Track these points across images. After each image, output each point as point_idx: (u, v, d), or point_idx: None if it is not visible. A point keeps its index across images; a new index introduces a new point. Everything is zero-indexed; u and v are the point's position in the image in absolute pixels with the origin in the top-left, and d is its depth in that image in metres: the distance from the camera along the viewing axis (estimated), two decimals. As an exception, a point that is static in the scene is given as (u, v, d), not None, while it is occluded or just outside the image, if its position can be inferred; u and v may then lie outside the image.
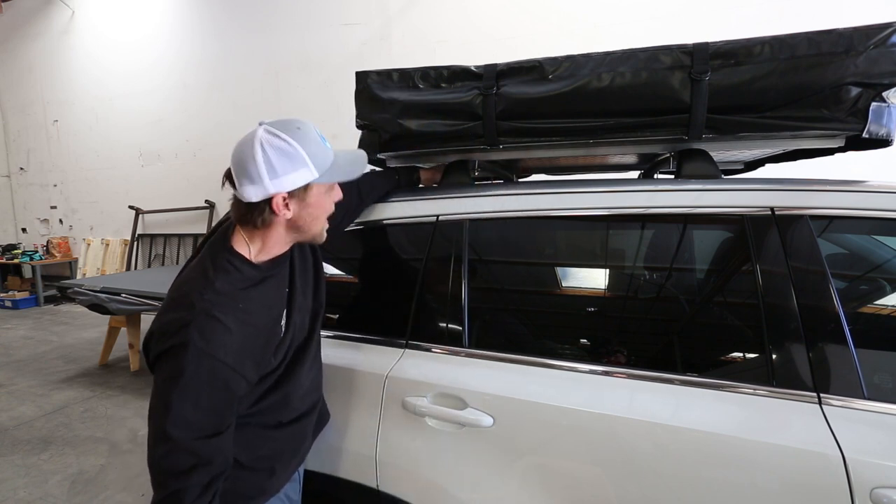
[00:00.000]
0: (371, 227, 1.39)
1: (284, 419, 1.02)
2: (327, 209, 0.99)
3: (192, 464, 0.82)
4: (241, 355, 0.86)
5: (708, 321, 1.14)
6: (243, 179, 0.87)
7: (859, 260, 1.11)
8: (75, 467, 2.47)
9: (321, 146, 0.92)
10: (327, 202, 0.98)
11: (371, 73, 1.42)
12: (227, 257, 0.91)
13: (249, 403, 0.95)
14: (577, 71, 1.22)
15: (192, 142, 5.73)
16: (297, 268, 1.05)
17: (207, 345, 0.81)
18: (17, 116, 7.07)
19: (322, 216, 0.98)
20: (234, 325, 0.85)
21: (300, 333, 1.04)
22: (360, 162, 1.03)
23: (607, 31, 3.90)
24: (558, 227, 1.32)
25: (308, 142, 0.89)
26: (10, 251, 6.73)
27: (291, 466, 1.08)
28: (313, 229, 0.97)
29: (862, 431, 0.87)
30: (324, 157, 0.92)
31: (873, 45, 1.05)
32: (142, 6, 5.83)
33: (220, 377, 0.83)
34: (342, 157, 0.98)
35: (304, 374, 1.05)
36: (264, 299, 0.93)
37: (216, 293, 0.86)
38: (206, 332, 0.82)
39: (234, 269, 0.90)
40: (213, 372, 0.82)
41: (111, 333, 4.01)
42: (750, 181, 1.11)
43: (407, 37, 4.57)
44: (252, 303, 0.90)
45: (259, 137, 0.87)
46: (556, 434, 1.05)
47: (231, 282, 0.88)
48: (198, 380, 0.81)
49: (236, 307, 0.87)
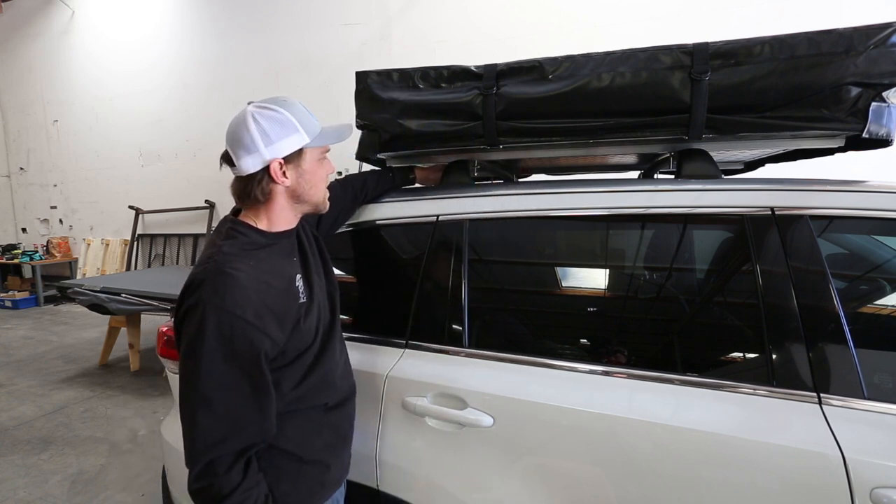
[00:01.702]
0: (371, 227, 1.39)
1: (330, 401, 1.03)
2: (323, 176, 1.01)
3: (224, 432, 0.82)
4: (261, 311, 0.85)
5: (708, 321, 1.14)
6: (240, 152, 0.91)
7: (859, 260, 1.11)
8: (75, 467, 2.47)
9: (308, 115, 0.96)
10: (321, 169, 1.01)
11: (371, 73, 1.42)
12: (232, 226, 0.95)
13: (294, 382, 0.95)
14: (577, 71, 1.22)
15: (192, 142, 5.73)
16: (306, 246, 1.07)
17: (223, 301, 0.81)
18: (17, 116, 7.07)
19: (320, 183, 1.01)
20: (246, 279, 0.85)
21: (325, 312, 1.05)
22: (346, 129, 1.04)
23: (607, 31, 3.90)
24: (558, 227, 1.32)
25: (295, 110, 0.94)
26: (10, 251, 6.73)
27: (343, 461, 1.09)
28: (314, 197, 1.00)
29: (862, 431, 0.87)
30: (312, 124, 0.96)
31: (873, 45, 1.05)
32: (142, 6, 5.83)
33: (241, 333, 0.82)
34: (329, 125, 1.02)
35: (338, 354, 1.07)
36: (273, 260, 0.94)
37: (224, 254, 0.88)
38: (220, 289, 0.82)
39: (240, 234, 0.93)
40: (233, 327, 0.82)
41: (111, 333, 4.01)
42: (750, 181, 1.11)
43: (407, 37, 4.57)
44: (262, 262, 0.91)
45: (249, 112, 0.92)
46: (556, 434, 1.05)
47: (238, 244, 0.91)
48: (220, 338, 0.81)
49: (247, 262, 0.88)
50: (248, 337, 0.83)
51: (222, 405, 0.82)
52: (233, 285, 0.83)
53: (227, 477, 0.82)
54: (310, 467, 0.98)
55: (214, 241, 0.92)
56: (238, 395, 0.83)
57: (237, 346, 0.82)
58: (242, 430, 0.83)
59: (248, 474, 0.85)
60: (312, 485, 0.99)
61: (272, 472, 0.92)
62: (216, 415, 0.82)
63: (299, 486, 0.96)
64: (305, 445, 0.97)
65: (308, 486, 0.98)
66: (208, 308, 0.81)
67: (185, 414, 0.83)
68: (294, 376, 0.95)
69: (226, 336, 0.81)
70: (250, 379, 0.84)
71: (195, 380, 0.81)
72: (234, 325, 0.82)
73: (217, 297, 0.82)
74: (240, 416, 0.83)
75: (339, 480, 1.07)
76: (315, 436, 1.00)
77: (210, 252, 0.90)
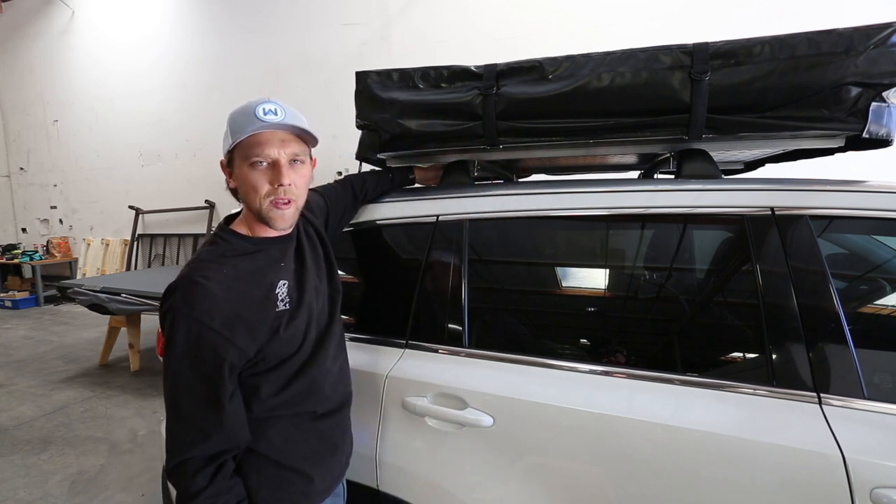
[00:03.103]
0: (371, 228, 1.39)
1: (319, 410, 1.01)
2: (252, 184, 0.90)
3: (192, 437, 0.84)
4: (231, 320, 0.85)
5: (708, 321, 1.14)
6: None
7: (859, 260, 1.11)
8: (75, 467, 2.47)
9: (246, 115, 0.89)
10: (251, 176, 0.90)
11: (371, 73, 1.42)
12: (219, 232, 0.97)
13: (276, 389, 0.94)
14: (577, 71, 1.22)
15: (192, 142, 5.73)
16: (306, 250, 1.05)
17: (192, 309, 0.83)
18: (17, 116, 7.07)
19: (250, 192, 0.91)
20: (217, 288, 0.85)
21: (321, 318, 1.04)
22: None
23: (607, 31, 3.90)
24: (558, 227, 1.32)
25: (239, 112, 0.91)
26: (10, 251, 6.73)
27: (333, 472, 1.05)
28: (250, 204, 0.93)
29: (862, 431, 0.87)
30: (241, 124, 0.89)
31: (873, 45, 1.05)
32: (142, 6, 5.83)
33: (206, 342, 0.83)
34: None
35: (331, 361, 1.05)
36: (253, 268, 0.93)
37: (200, 261, 0.90)
38: (189, 297, 0.84)
39: (223, 240, 0.94)
40: (199, 336, 0.83)
41: (111, 333, 4.01)
42: (750, 181, 1.11)
43: (407, 37, 4.57)
44: (239, 270, 0.91)
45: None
46: (556, 434, 1.05)
47: (217, 251, 0.92)
48: (186, 345, 0.83)
49: (220, 272, 0.88)
50: (213, 345, 0.84)
51: (187, 411, 0.85)
52: (202, 294, 0.84)
53: (193, 480, 0.83)
54: (290, 474, 0.96)
55: (198, 249, 0.95)
56: (201, 402, 0.85)
57: (203, 353, 0.84)
58: (208, 436, 0.84)
59: (216, 481, 0.85)
60: (294, 494, 0.97)
61: (253, 475, 0.92)
62: (183, 420, 0.85)
63: (280, 494, 0.94)
64: (287, 452, 0.96)
65: (289, 494, 0.96)
66: (178, 315, 0.83)
67: (166, 412, 0.88)
68: (276, 382, 0.94)
69: (192, 344, 0.83)
70: (214, 386, 0.85)
71: (167, 384, 0.86)
72: (201, 333, 0.83)
73: (186, 306, 0.83)
74: (204, 424, 0.84)
75: (326, 490, 1.04)
76: (300, 443, 0.98)
77: (191, 258, 0.93)
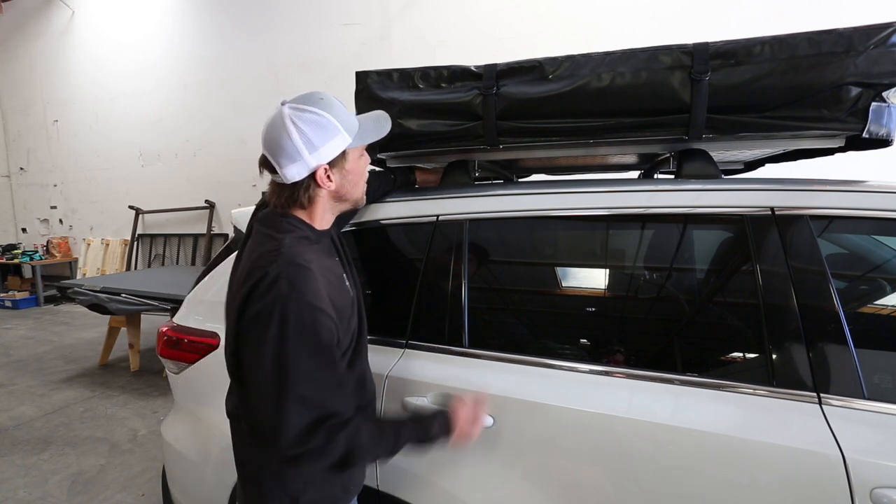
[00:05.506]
0: (372, 228, 1.39)
1: (362, 402, 1.02)
2: (363, 173, 1.01)
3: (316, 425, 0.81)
4: (331, 303, 0.85)
5: (708, 321, 1.14)
6: (282, 160, 0.88)
7: (859, 260, 1.11)
8: (75, 467, 2.47)
9: (346, 112, 0.94)
10: (362, 166, 1.00)
11: (371, 73, 1.42)
12: (286, 220, 0.92)
13: None
14: (577, 71, 1.22)
15: (192, 142, 5.73)
16: (339, 245, 1.07)
17: (301, 294, 0.80)
18: (17, 116, 7.07)
19: (360, 181, 1.00)
20: (317, 270, 0.85)
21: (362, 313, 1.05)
22: (384, 120, 1.03)
23: (607, 31, 3.89)
24: (558, 227, 1.32)
25: (335, 109, 0.91)
26: (10, 251, 6.73)
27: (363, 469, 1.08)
28: (354, 195, 0.99)
29: (862, 431, 0.87)
30: (351, 121, 0.94)
31: (873, 45, 1.05)
32: (142, 6, 5.83)
33: (322, 324, 0.82)
34: (365, 119, 1.00)
35: (367, 354, 1.07)
36: (323, 256, 0.94)
37: (289, 246, 0.86)
38: (297, 281, 0.81)
39: (296, 227, 0.92)
40: (314, 320, 0.81)
41: (111, 333, 4.01)
42: (750, 181, 1.11)
43: (407, 37, 4.57)
44: (320, 256, 0.92)
45: (287, 115, 0.87)
46: (555, 434, 1.05)
47: (298, 236, 0.90)
48: (302, 331, 0.79)
49: (312, 255, 0.87)
50: (328, 327, 0.83)
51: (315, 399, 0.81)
52: (309, 277, 0.82)
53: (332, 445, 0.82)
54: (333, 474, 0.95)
55: (271, 237, 0.88)
56: (328, 386, 0.83)
57: (322, 337, 0.82)
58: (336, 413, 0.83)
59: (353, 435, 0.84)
60: (336, 490, 0.98)
61: (300, 479, 0.92)
62: (310, 410, 0.81)
63: (324, 491, 0.95)
64: None
65: (332, 491, 0.97)
66: (289, 303, 0.79)
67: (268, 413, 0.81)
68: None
69: (307, 328, 0.80)
70: (335, 371, 0.84)
71: (284, 380, 0.79)
72: (314, 316, 0.81)
73: (296, 291, 0.80)
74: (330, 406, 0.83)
75: (360, 483, 1.06)
76: None
77: (272, 246, 0.86)
